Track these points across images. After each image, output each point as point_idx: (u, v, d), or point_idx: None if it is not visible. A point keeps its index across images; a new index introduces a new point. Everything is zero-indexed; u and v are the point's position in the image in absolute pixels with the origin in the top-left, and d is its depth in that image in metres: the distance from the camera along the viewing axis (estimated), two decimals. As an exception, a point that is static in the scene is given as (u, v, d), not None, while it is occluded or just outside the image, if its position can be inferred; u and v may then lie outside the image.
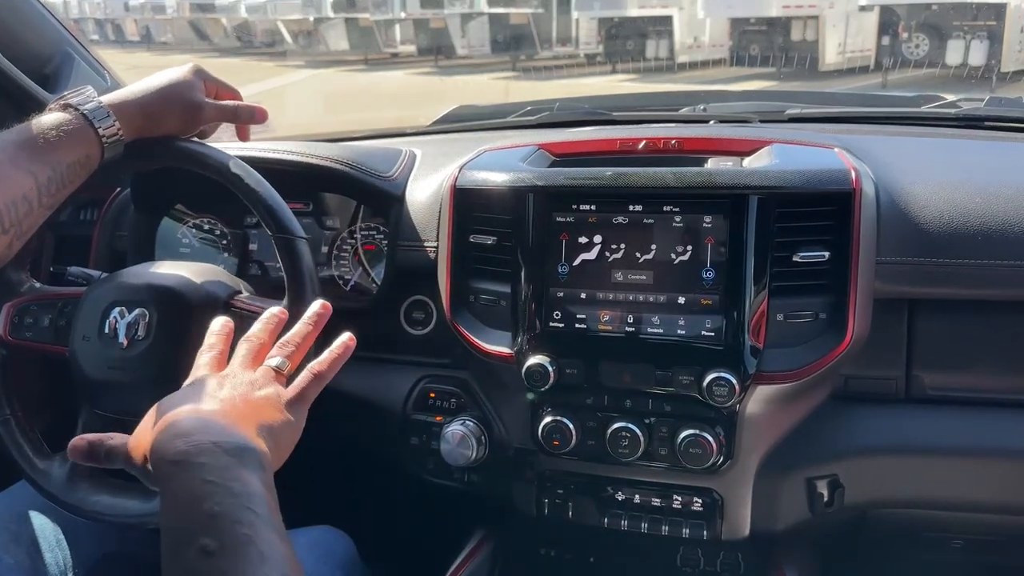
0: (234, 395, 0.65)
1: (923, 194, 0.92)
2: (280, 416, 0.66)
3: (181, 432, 0.59)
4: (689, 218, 0.88)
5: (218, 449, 0.57)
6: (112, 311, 0.92)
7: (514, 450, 0.99)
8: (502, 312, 0.96)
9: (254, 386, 0.67)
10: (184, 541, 0.53)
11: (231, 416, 0.62)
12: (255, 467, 0.58)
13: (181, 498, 0.55)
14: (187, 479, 0.56)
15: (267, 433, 0.63)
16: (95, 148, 0.83)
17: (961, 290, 0.89)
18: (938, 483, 0.91)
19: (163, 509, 0.57)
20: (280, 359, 0.71)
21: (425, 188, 1.06)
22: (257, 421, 0.63)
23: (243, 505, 0.54)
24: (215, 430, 0.59)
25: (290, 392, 0.69)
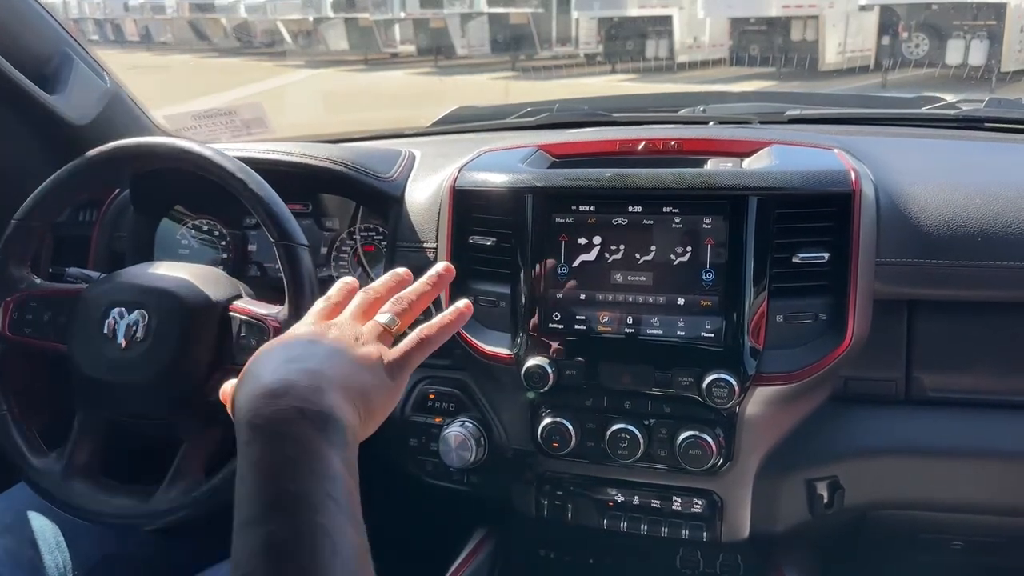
0: (334, 349, 0.60)
1: (923, 195, 0.92)
2: (377, 379, 0.60)
3: (265, 391, 0.54)
4: (689, 219, 0.88)
5: (303, 418, 0.52)
6: (111, 312, 0.92)
7: (513, 451, 0.99)
8: (501, 313, 0.96)
9: (359, 341, 0.61)
10: (253, 520, 0.50)
11: (325, 376, 0.56)
12: (339, 442, 0.53)
13: (258, 468, 0.51)
14: (264, 448, 0.52)
15: (361, 398, 0.57)
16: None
17: (961, 291, 0.89)
18: (938, 484, 0.91)
19: (238, 476, 0.52)
20: (390, 316, 0.65)
21: (424, 189, 1.06)
22: (351, 383, 0.57)
23: (322, 488, 0.50)
24: (303, 393, 0.54)
25: (394, 353, 0.62)
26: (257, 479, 0.51)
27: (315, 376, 0.56)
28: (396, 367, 0.62)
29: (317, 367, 0.57)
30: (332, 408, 0.54)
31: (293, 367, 0.56)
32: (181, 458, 0.91)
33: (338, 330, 0.62)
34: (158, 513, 0.88)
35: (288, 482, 0.50)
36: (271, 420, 0.52)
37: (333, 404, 0.54)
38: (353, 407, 0.56)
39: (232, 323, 0.91)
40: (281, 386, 0.54)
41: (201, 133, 1.47)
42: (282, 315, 0.89)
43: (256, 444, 0.52)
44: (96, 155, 0.97)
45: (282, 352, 0.59)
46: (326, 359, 0.58)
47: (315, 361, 0.57)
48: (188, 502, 0.87)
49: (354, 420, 0.56)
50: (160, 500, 0.89)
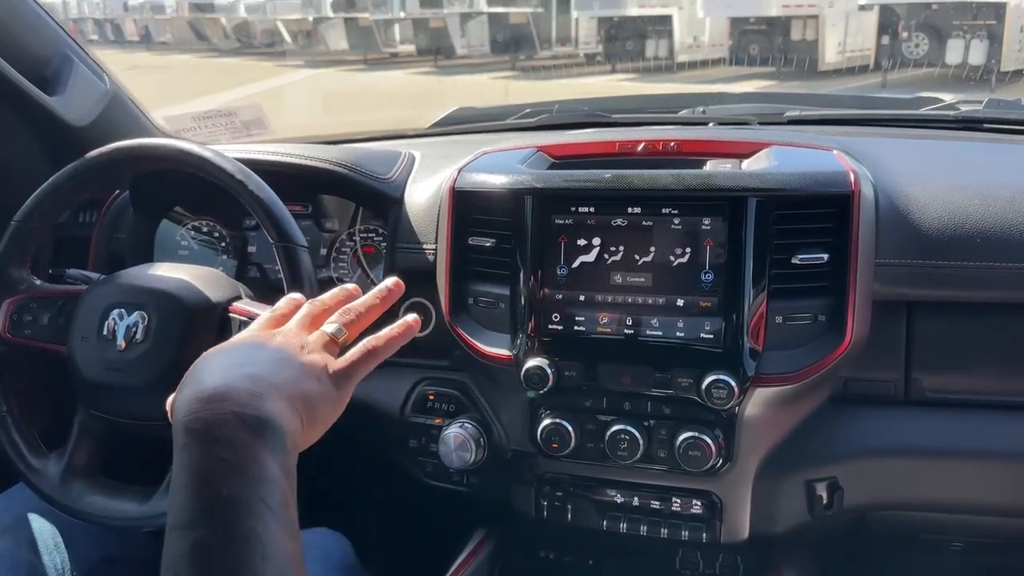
0: (279, 355, 0.59)
1: (922, 196, 0.92)
2: (321, 387, 0.59)
3: (203, 395, 0.53)
4: (688, 220, 0.88)
5: (239, 422, 0.52)
6: (111, 313, 0.92)
7: (513, 452, 0.99)
8: (501, 314, 0.96)
9: (303, 349, 0.61)
10: (184, 524, 0.49)
11: (264, 382, 0.55)
12: (278, 448, 0.52)
13: (190, 472, 0.51)
14: (199, 452, 0.51)
15: (304, 405, 0.57)
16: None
17: (960, 292, 0.89)
18: (937, 485, 0.91)
19: (172, 480, 0.52)
20: (337, 326, 0.64)
21: (424, 190, 1.06)
22: (294, 390, 0.57)
23: (255, 493, 0.50)
24: (242, 398, 0.53)
25: (340, 363, 0.62)
26: (190, 483, 0.51)
27: (257, 381, 0.55)
28: (342, 376, 0.62)
29: (259, 372, 0.56)
30: (272, 414, 0.54)
31: (235, 372, 0.56)
32: (180, 459, 0.91)
33: (283, 338, 0.62)
34: (157, 515, 0.88)
35: (221, 486, 0.50)
36: (208, 424, 0.52)
37: (273, 410, 0.54)
38: (295, 413, 0.56)
39: (232, 324, 0.91)
40: (221, 390, 0.54)
41: (201, 134, 1.47)
42: (282, 316, 0.88)
43: (191, 448, 0.52)
44: (96, 156, 0.97)
45: (225, 357, 0.59)
46: (269, 365, 0.58)
47: (258, 367, 0.57)
48: (188, 503, 0.87)
49: (295, 427, 0.55)
50: (159, 502, 0.89)
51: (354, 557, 1.02)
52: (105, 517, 0.91)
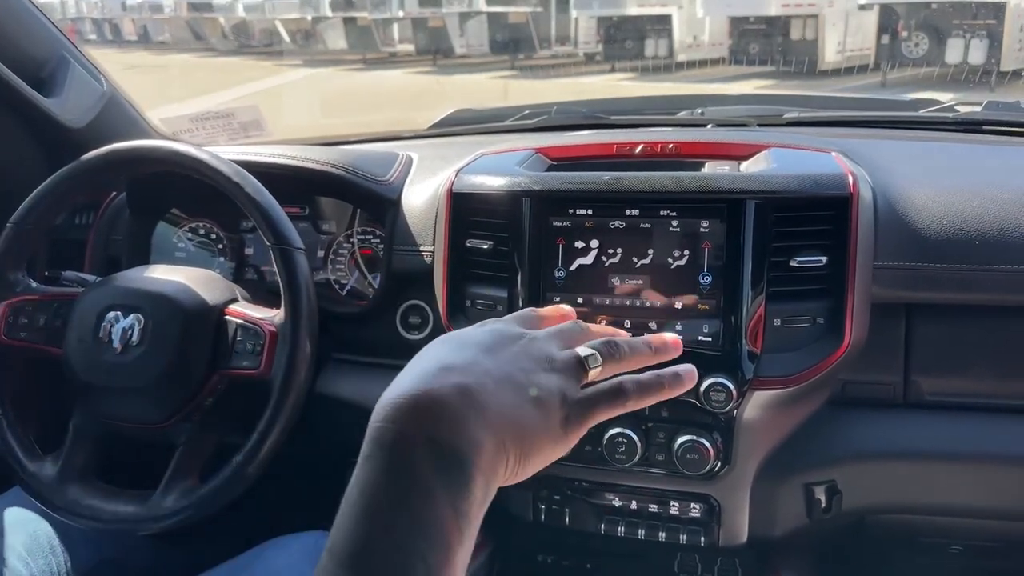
0: (505, 368, 0.49)
1: (920, 198, 0.92)
2: (546, 420, 0.49)
3: (401, 401, 0.46)
4: (686, 222, 0.87)
5: (428, 449, 0.44)
6: (107, 315, 0.92)
7: (511, 455, 0.98)
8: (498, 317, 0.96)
9: (543, 363, 0.51)
10: (336, 550, 0.43)
11: (475, 400, 0.46)
12: (462, 493, 0.44)
13: (361, 491, 0.44)
14: (376, 471, 0.44)
15: (515, 439, 0.47)
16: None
17: (959, 295, 0.89)
18: (936, 489, 0.91)
19: (348, 489, 0.45)
20: (594, 352, 0.53)
21: (421, 192, 1.06)
22: (510, 418, 0.47)
23: (416, 546, 0.42)
24: (439, 414, 0.45)
25: (578, 394, 0.51)
26: (357, 505, 0.44)
27: (465, 397, 0.46)
28: (577, 411, 0.50)
29: (474, 385, 0.47)
30: (468, 447, 0.45)
31: (445, 378, 0.47)
32: (176, 462, 0.91)
33: (526, 344, 0.52)
34: (153, 518, 0.88)
35: (386, 520, 0.43)
36: (395, 440, 0.45)
37: (472, 441, 0.45)
38: (501, 451, 0.46)
39: (228, 327, 0.91)
40: (421, 400, 0.46)
41: (198, 136, 1.46)
42: (278, 319, 0.88)
43: (371, 462, 0.45)
44: (92, 159, 0.97)
45: (444, 353, 0.50)
46: (491, 378, 0.48)
47: (476, 377, 0.48)
48: (184, 507, 0.87)
49: (495, 467, 0.46)
50: (156, 505, 0.89)
51: (352, 560, 1.01)
52: (101, 520, 0.90)
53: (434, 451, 0.44)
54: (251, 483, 0.87)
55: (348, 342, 1.11)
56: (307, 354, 0.86)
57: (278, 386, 0.85)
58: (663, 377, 0.55)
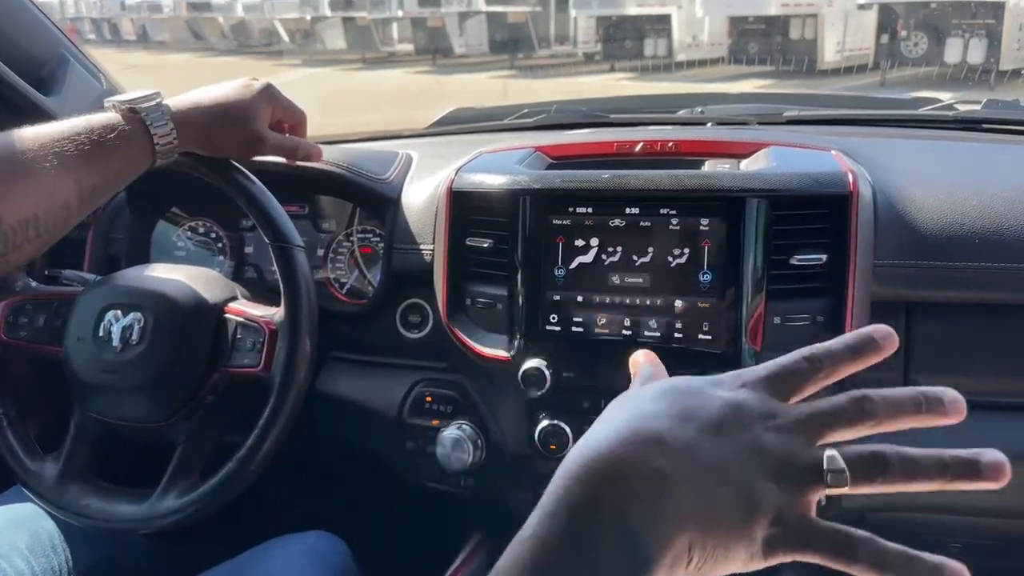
0: (733, 458, 0.40)
1: (920, 196, 0.92)
2: (748, 539, 0.40)
3: (597, 467, 0.40)
4: (686, 221, 0.88)
5: (615, 530, 0.38)
6: (107, 314, 0.92)
7: (511, 454, 0.99)
8: (498, 315, 0.96)
9: (776, 465, 0.40)
10: None
11: (681, 491, 0.39)
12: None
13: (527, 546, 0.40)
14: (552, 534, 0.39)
15: (706, 548, 0.39)
16: (147, 157, 0.80)
17: (960, 293, 0.89)
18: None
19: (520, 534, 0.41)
20: (843, 470, 0.40)
21: (421, 191, 1.06)
22: (711, 522, 0.39)
23: None
24: (639, 496, 0.39)
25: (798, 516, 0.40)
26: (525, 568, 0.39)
27: (666, 483, 0.39)
28: (783, 541, 0.40)
29: (679, 473, 0.40)
30: (658, 539, 0.39)
31: (652, 454, 0.40)
32: (176, 462, 0.91)
33: (763, 434, 0.41)
34: (154, 517, 0.88)
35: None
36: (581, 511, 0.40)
37: (661, 534, 0.39)
38: (685, 551, 0.39)
39: (228, 325, 0.91)
40: (621, 468, 0.40)
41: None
42: (278, 317, 0.88)
43: (551, 526, 0.40)
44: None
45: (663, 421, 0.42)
46: (701, 467, 0.40)
47: (685, 462, 0.40)
48: (183, 506, 0.87)
49: (673, 567, 0.39)
50: (155, 504, 0.89)
51: (351, 561, 1.02)
52: (102, 519, 0.90)
53: (621, 531, 0.39)
54: (251, 482, 0.87)
55: (348, 341, 1.11)
56: (307, 352, 0.86)
57: (278, 384, 0.85)
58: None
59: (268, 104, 0.91)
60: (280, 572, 0.92)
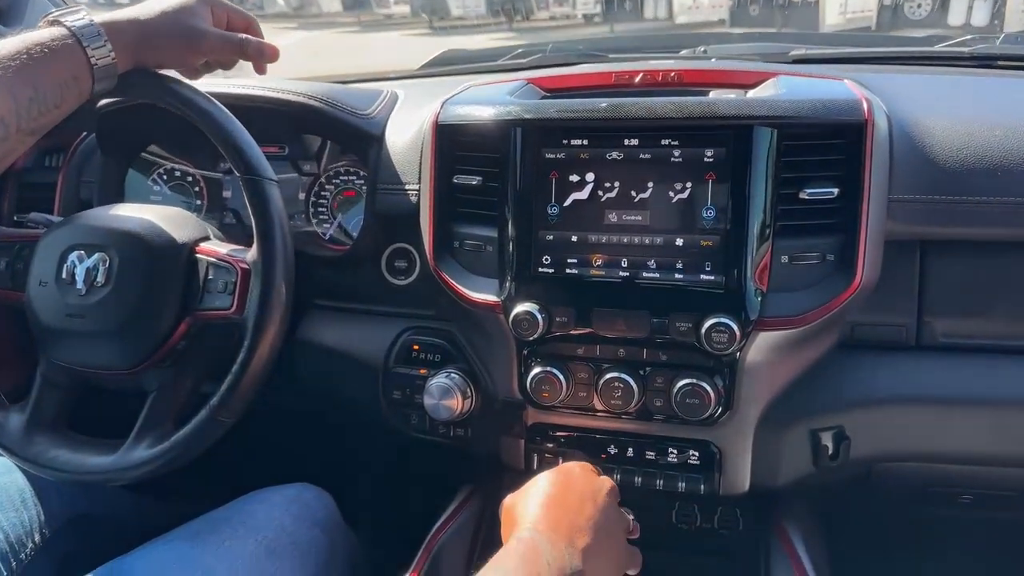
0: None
1: (939, 128, 0.86)
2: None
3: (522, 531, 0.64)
4: (689, 152, 0.82)
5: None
6: (70, 255, 0.86)
7: (501, 403, 0.94)
8: (488, 258, 0.90)
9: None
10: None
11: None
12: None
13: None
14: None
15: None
16: (84, 72, 0.76)
17: (978, 230, 0.83)
18: (948, 435, 0.86)
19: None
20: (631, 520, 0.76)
21: (406, 127, 1.00)
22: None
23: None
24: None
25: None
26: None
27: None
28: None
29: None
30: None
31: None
32: (148, 411, 0.86)
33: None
34: (124, 468, 0.83)
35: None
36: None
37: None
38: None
39: (199, 266, 0.85)
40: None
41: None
42: (250, 256, 0.83)
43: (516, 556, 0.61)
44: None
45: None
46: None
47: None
48: (155, 456, 0.82)
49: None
50: (126, 455, 0.84)
51: (336, 513, 0.98)
52: (70, 471, 0.86)
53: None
54: (226, 430, 0.82)
55: (331, 288, 1.06)
56: (282, 292, 0.80)
57: (251, 327, 0.79)
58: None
59: (207, 5, 0.85)
60: (261, 524, 0.88)
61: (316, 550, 0.90)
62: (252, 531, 0.85)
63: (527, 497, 0.69)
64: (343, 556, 0.96)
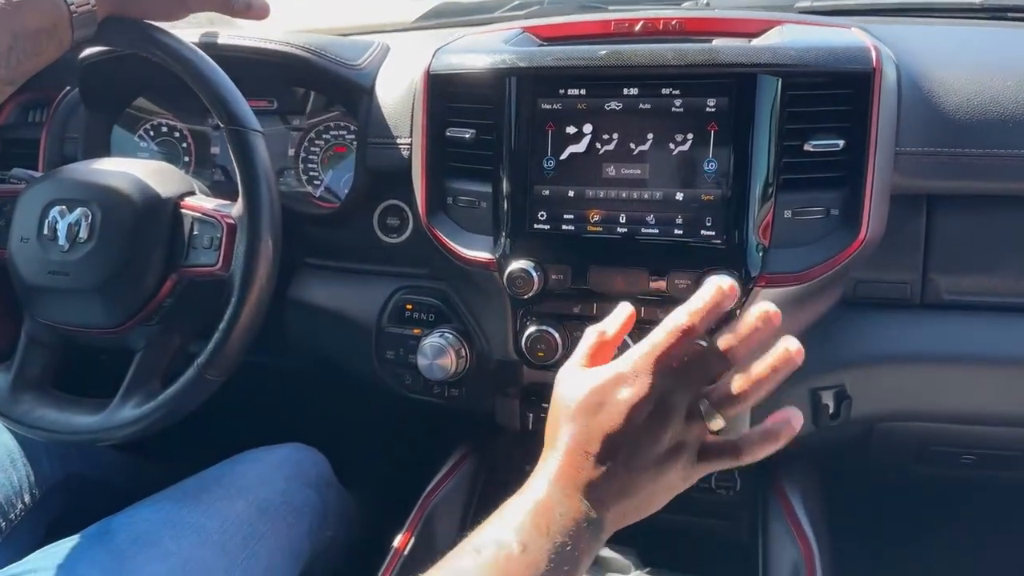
0: (633, 454, 0.55)
1: (949, 78, 0.82)
2: (668, 488, 0.58)
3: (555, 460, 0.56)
4: (690, 102, 0.78)
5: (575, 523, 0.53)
6: (51, 210, 0.84)
7: (496, 363, 0.92)
8: (482, 214, 0.88)
9: (665, 458, 0.56)
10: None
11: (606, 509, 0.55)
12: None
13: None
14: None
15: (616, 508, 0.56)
16: (63, 19, 0.74)
17: (988, 183, 0.80)
18: (951, 394, 0.85)
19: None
20: (717, 414, 0.57)
21: (397, 79, 0.96)
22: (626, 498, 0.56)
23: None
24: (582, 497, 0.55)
25: (696, 455, 0.58)
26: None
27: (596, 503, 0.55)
28: (692, 470, 0.58)
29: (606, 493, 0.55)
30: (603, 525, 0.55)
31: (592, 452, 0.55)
32: (135, 369, 0.85)
33: (656, 430, 0.55)
34: (111, 427, 0.82)
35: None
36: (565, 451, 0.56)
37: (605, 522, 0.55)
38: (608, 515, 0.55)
39: (184, 221, 0.83)
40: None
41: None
42: (236, 211, 0.80)
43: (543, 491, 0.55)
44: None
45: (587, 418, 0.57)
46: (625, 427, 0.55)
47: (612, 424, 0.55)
48: (142, 415, 0.81)
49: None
50: (113, 414, 0.82)
51: (330, 473, 0.97)
52: (57, 431, 0.84)
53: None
54: (216, 389, 0.81)
55: (322, 246, 1.03)
56: (268, 247, 0.78)
57: (238, 283, 0.77)
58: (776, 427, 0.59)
59: None
60: (252, 484, 0.87)
61: (309, 510, 0.89)
62: (243, 491, 0.84)
63: (552, 432, 0.59)
64: (337, 516, 0.95)
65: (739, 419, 0.85)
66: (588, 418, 0.56)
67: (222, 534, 0.78)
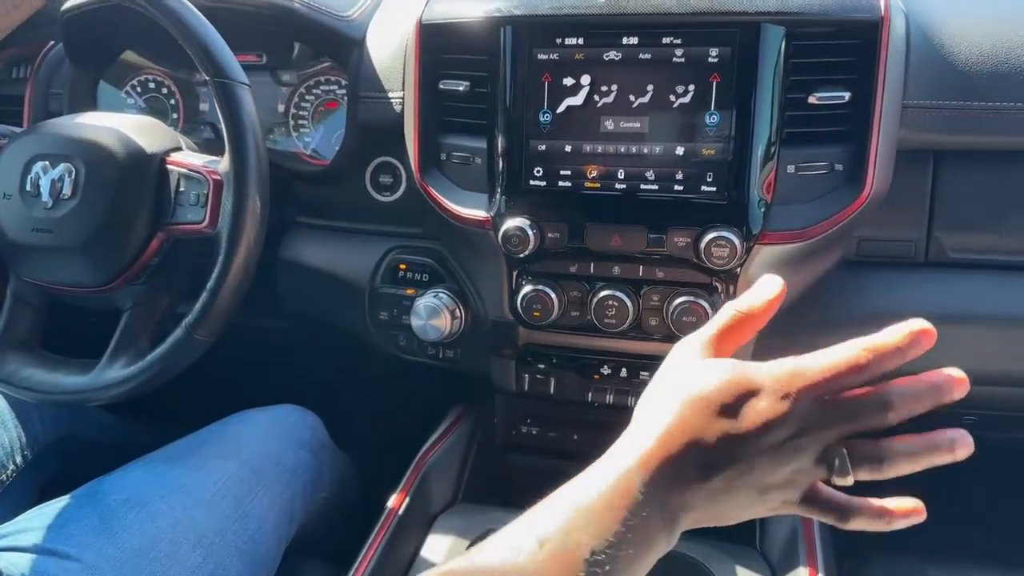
0: (757, 476, 0.47)
1: (959, 28, 0.79)
2: (753, 513, 0.49)
3: (648, 453, 0.47)
4: (692, 52, 0.76)
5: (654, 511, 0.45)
6: (34, 166, 0.81)
7: (491, 323, 0.90)
8: (477, 171, 0.85)
9: (788, 474, 0.47)
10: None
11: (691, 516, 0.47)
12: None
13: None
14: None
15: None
16: None
17: (997, 138, 0.78)
18: (955, 353, 0.82)
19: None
20: (848, 467, 0.47)
21: (389, 30, 0.93)
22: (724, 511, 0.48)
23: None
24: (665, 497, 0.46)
25: (798, 499, 0.49)
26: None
27: (687, 515, 0.47)
28: (784, 509, 0.50)
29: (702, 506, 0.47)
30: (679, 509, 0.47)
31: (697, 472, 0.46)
32: (122, 329, 0.83)
33: (765, 471, 0.46)
34: (99, 388, 0.80)
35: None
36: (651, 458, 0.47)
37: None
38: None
39: (170, 177, 0.81)
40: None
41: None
42: (222, 166, 0.78)
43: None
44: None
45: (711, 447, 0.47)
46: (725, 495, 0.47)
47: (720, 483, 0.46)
48: (130, 376, 0.79)
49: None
50: (101, 374, 0.81)
51: (324, 434, 0.96)
52: (44, 391, 0.83)
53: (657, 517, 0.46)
54: (204, 349, 0.79)
55: (314, 205, 1.01)
56: (256, 204, 0.76)
57: (225, 241, 0.75)
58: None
59: None
60: (244, 445, 0.86)
61: (303, 471, 0.88)
62: (235, 452, 0.83)
63: (655, 411, 0.50)
64: (331, 477, 0.94)
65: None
66: (709, 412, 0.47)
67: (214, 495, 0.77)
